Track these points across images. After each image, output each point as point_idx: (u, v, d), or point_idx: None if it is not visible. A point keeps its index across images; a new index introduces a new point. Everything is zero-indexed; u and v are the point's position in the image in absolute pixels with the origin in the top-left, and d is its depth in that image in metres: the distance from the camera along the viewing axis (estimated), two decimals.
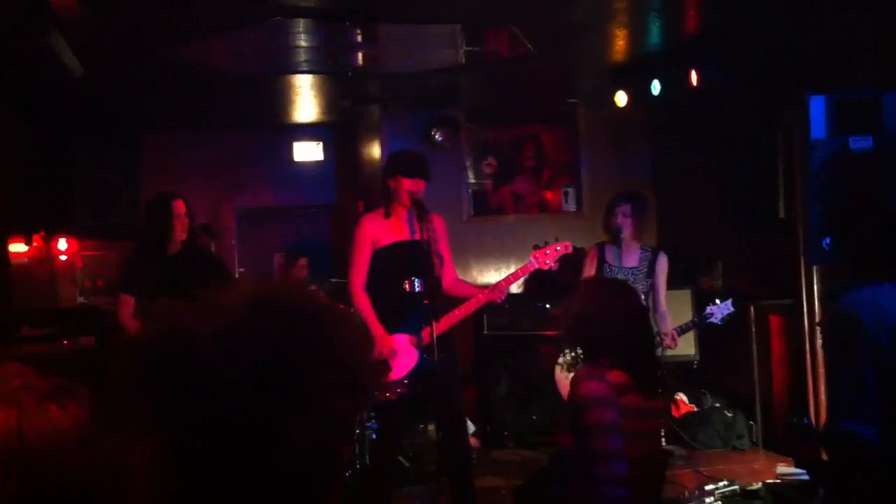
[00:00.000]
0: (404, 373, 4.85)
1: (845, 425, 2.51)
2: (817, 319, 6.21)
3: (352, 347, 1.12)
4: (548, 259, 5.19)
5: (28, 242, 7.71)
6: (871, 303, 2.52)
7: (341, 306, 4.42)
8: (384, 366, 4.72)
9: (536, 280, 8.08)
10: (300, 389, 1.04)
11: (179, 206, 5.21)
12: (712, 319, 5.92)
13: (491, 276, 8.12)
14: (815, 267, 6.21)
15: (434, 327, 4.77)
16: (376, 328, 4.89)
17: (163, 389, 1.02)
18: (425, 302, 4.88)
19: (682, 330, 5.95)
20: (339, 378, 1.07)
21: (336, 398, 1.06)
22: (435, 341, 4.72)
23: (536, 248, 5.31)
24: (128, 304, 5.15)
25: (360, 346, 1.15)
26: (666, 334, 5.74)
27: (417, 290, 4.99)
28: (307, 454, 1.03)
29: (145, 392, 1.03)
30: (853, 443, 2.49)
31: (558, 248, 5.21)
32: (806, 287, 6.31)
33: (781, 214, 6.52)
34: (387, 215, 5.10)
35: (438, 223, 5.16)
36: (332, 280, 6.95)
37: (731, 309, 5.90)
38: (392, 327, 4.92)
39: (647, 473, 3.11)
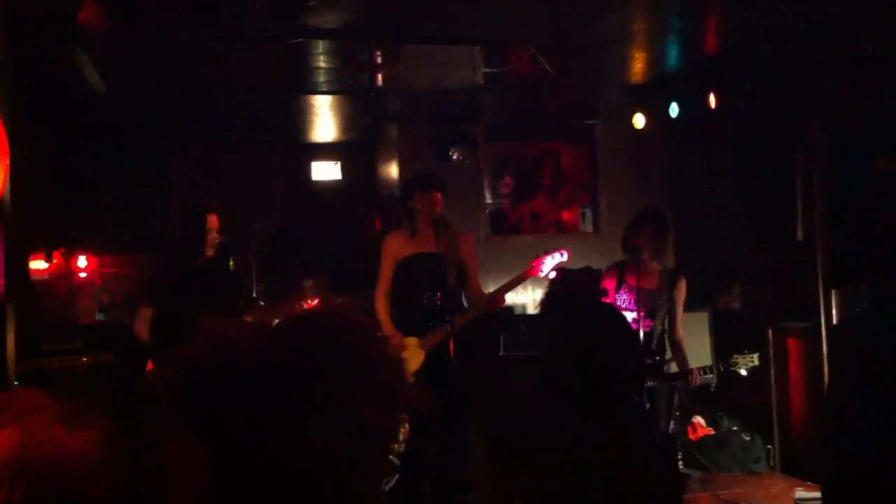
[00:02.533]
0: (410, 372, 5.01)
1: (835, 440, 2.53)
2: None
3: (386, 363, 1.14)
4: (543, 266, 5.41)
5: (48, 259, 7.77)
6: (869, 321, 2.54)
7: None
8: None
9: (553, 300, 8.07)
10: (336, 403, 1.07)
11: (213, 221, 5.23)
12: (735, 368, 5.91)
13: (508, 295, 8.10)
14: (833, 289, 6.19)
15: (440, 333, 5.10)
16: (386, 328, 5.22)
17: (202, 400, 1.06)
18: (438, 310, 5.15)
19: (706, 372, 5.94)
20: (372, 391, 1.09)
21: (369, 411, 1.08)
22: (449, 346, 5.04)
23: (537, 256, 5.50)
24: (145, 315, 5.15)
25: (395, 363, 1.17)
26: (689, 372, 5.71)
27: (431, 299, 5.24)
28: (342, 467, 1.06)
29: (188, 402, 1.07)
30: (840, 457, 2.52)
31: (555, 255, 5.40)
32: (825, 309, 6.27)
33: (799, 237, 6.50)
34: (412, 234, 5.36)
35: (465, 241, 5.47)
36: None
37: (756, 363, 5.89)
38: (405, 332, 5.22)
39: None
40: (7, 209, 3.61)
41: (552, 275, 5.52)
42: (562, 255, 5.47)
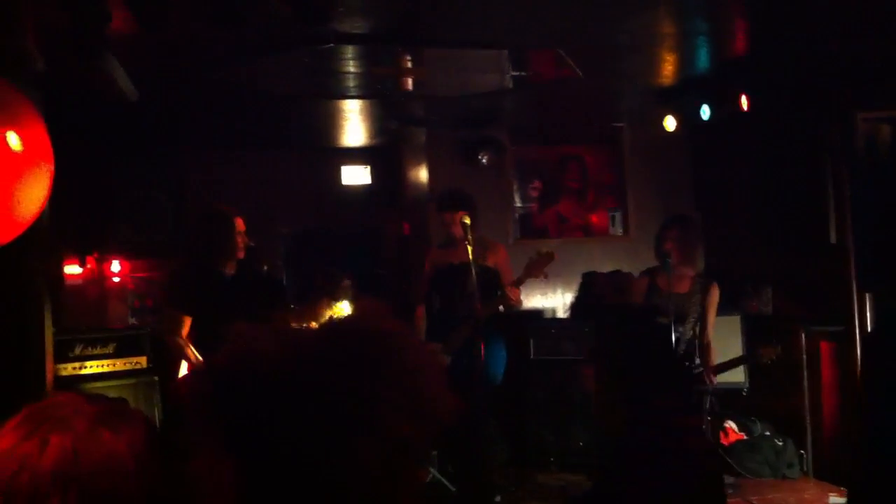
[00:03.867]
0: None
1: (876, 439, 2.52)
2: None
3: (421, 373, 1.12)
4: (534, 269, 5.75)
5: (82, 264, 7.86)
6: None
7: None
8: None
9: (582, 304, 8.05)
10: (366, 413, 1.05)
11: (240, 225, 5.18)
12: (762, 360, 5.85)
13: (536, 299, 8.11)
14: (867, 292, 6.12)
15: (461, 334, 5.44)
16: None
17: (232, 411, 1.05)
18: (462, 317, 5.47)
19: (728, 366, 5.89)
20: (407, 403, 1.08)
21: (404, 423, 1.07)
22: (481, 349, 5.26)
23: (530, 259, 5.83)
24: (179, 322, 5.00)
25: (431, 371, 1.15)
26: (706, 371, 5.69)
27: (456, 307, 5.62)
28: (373, 476, 1.05)
29: (218, 414, 1.06)
30: (868, 462, 2.51)
31: (541, 256, 5.76)
32: (858, 313, 6.20)
33: (832, 239, 6.44)
34: (441, 244, 5.96)
35: (495, 251, 5.92)
36: None
37: (779, 351, 5.83)
38: (434, 339, 5.62)
39: None
40: (44, 215, 3.66)
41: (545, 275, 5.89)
42: (550, 256, 5.78)
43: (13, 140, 3.02)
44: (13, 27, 3.45)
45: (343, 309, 5.62)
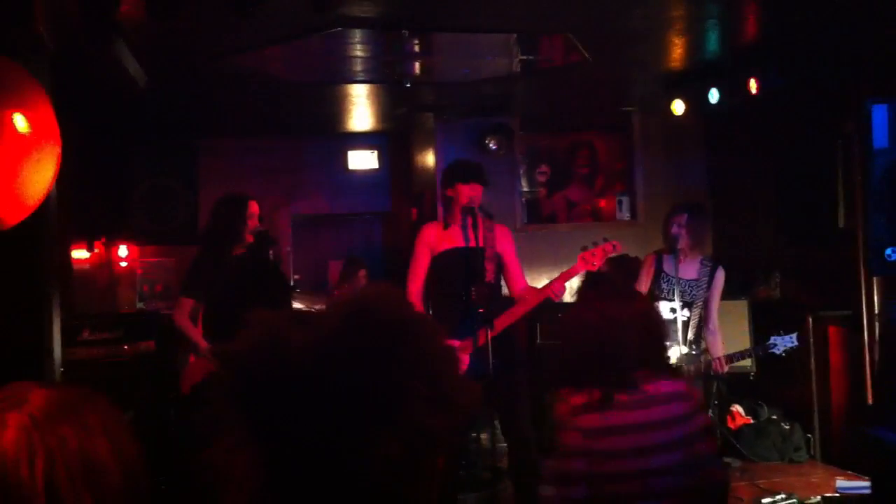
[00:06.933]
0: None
1: (875, 430, 2.53)
2: (877, 330, 6.10)
3: (443, 361, 1.12)
4: (595, 260, 5.15)
5: (90, 249, 7.87)
6: None
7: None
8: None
9: (590, 288, 8.04)
10: (390, 404, 1.05)
11: (254, 208, 5.21)
12: (774, 350, 5.81)
13: (542, 283, 8.09)
14: (875, 278, 6.10)
15: (486, 332, 4.76)
16: None
17: (254, 401, 1.05)
18: (479, 309, 4.87)
19: (741, 356, 5.88)
20: (429, 392, 1.07)
21: (427, 413, 1.06)
22: (489, 346, 4.71)
23: (584, 248, 5.26)
24: (184, 306, 5.12)
25: (451, 359, 1.14)
26: (718, 359, 5.69)
27: (470, 296, 4.95)
28: (396, 468, 1.04)
29: (240, 403, 1.06)
30: (880, 447, 2.51)
31: (606, 248, 5.13)
32: (866, 298, 6.19)
33: (841, 224, 6.42)
34: (445, 225, 5.19)
35: (502, 233, 5.28)
36: None
37: (795, 343, 5.78)
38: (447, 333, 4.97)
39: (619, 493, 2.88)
40: (52, 199, 3.67)
41: (603, 266, 5.27)
42: (614, 247, 5.20)
43: (20, 122, 3.01)
44: (24, 10, 3.44)
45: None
